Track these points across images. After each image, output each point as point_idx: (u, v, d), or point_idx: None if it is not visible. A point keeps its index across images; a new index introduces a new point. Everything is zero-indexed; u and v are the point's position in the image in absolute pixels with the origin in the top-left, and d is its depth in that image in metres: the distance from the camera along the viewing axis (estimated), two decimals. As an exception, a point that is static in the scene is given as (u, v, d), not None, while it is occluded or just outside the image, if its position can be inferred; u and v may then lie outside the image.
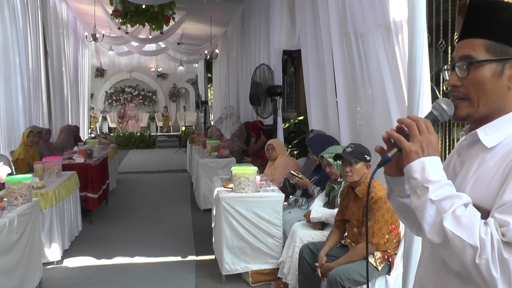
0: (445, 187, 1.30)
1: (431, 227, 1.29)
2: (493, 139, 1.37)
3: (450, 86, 1.46)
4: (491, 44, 1.37)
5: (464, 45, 1.42)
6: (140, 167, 13.26)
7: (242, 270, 4.68)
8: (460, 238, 1.22)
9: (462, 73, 1.40)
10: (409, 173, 1.36)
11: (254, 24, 9.51)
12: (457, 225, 1.23)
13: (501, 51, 1.36)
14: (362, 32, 4.38)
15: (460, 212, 1.25)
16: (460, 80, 1.41)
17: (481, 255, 1.18)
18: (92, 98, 19.47)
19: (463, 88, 1.41)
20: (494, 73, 1.36)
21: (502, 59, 1.36)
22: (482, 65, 1.37)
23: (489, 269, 1.17)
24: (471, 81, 1.39)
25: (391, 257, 3.58)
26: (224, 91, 14.64)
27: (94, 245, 5.98)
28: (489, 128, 1.39)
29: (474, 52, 1.38)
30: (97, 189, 7.21)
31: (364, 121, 4.76)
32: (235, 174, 4.68)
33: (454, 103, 1.44)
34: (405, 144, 1.37)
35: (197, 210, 7.82)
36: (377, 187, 3.53)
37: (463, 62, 1.40)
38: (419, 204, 1.33)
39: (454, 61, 1.44)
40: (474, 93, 1.39)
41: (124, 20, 10.09)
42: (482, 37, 1.38)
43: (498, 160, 1.33)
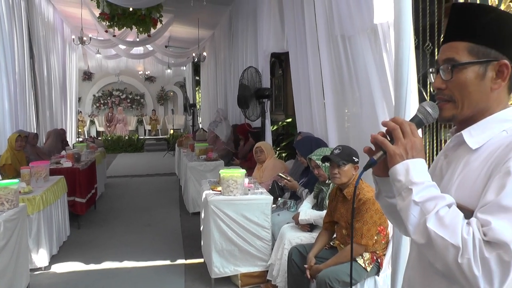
0: (428, 189, 1.32)
1: (415, 228, 1.31)
2: (477, 140, 1.40)
3: (435, 88, 1.48)
4: (473, 47, 1.39)
5: (447, 48, 1.45)
6: (128, 171, 13.20)
7: (231, 273, 4.67)
8: (443, 238, 1.23)
9: (446, 75, 1.43)
10: (394, 175, 1.38)
11: (242, 27, 9.52)
12: (440, 225, 1.25)
13: (483, 53, 1.38)
14: (350, 35, 4.40)
15: (443, 213, 1.27)
16: (444, 83, 1.44)
17: (463, 255, 1.20)
18: (79, 101, 19.35)
19: (448, 91, 1.44)
20: (477, 75, 1.39)
21: (485, 61, 1.38)
22: (465, 67, 1.39)
23: (471, 268, 1.19)
24: (455, 83, 1.41)
25: (380, 258, 3.60)
26: (212, 94, 14.63)
27: (82, 250, 5.94)
28: (474, 129, 1.42)
29: (457, 55, 1.41)
30: (85, 193, 7.17)
31: (352, 123, 4.78)
32: (224, 177, 4.68)
33: (439, 105, 1.46)
34: (389, 147, 1.39)
35: (185, 213, 7.79)
36: (365, 189, 3.55)
37: (447, 65, 1.43)
38: (403, 206, 1.34)
39: (438, 64, 1.47)
40: (458, 95, 1.42)
41: (111, 23, 10.05)
42: (464, 40, 1.41)
43: (482, 161, 1.35)
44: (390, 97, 3.61)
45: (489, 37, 1.38)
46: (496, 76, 1.39)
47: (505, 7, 2.36)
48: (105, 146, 14.13)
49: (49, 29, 11.02)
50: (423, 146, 1.42)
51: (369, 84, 4.03)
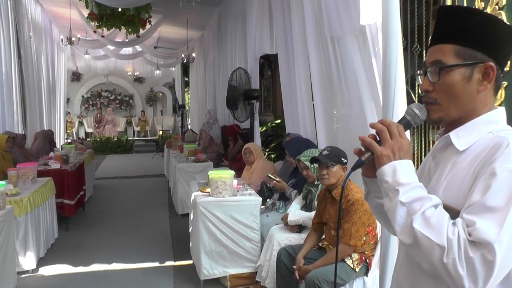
0: (415, 189, 1.33)
1: (402, 228, 1.32)
2: (464, 142, 1.41)
3: (422, 90, 1.49)
4: (460, 49, 1.40)
5: (434, 51, 1.46)
6: (117, 172, 13.15)
7: (220, 275, 4.66)
8: (429, 238, 1.25)
9: (433, 78, 1.44)
10: (381, 176, 1.39)
11: (231, 28, 9.51)
12: (426, 226, 1.26)
13: (469, 55, 1.40)
14: (338, 36, 4.41)
15: (430, 213, 1.28)
16: (432, 85, 1.45)
17: (448, 255, 1.21)
18: (68, 102, 19.26)
19: (435, 93, 1.45)
20: (463, 77, 1.40)
21: (471, 64, 1.39)
22: (452, 69, 1.41)
23: (456, 268, 1.20)
24: (442, 85, 1.43)
25: (368, 259, 3.61)
26: (201, 95, 14.60)
27: (70, 252, 5.90)
28: (461, 131, 1.43)
29: (444, 58, 1.42)
30: (74, 195, 7.12)
31: (340, 124, 4.79)
32: (212, 178, 4.67)
33: (427, 107, 1.48)
34: (376, 148, 1.40)
35: (174, 215, 7.77)
36: (353, 190, 3.56)
37: (434, 67, 1.44)
38: (390, 206, 1.36)
39: (426, 66, 1.48)
40: (445, 97, 1.43)
41: (100, 23, 10.01)
42: (451, 42, 1.42)
43: (469, 162, 1.37)
44: (378, 98, 3.62)
45: (475, 40, 1.39)
46: (482, 78, 1.40)
47: (491, 10, 2.38)
48: (93, 147, 14.07)
49: (37, 29, 10.94)
50: (411, 147, 1.43)
51: (358, 85, 4.04)
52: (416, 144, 3.84)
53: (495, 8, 2.36)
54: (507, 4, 2.31)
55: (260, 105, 10.85)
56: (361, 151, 1.48)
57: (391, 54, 2.89)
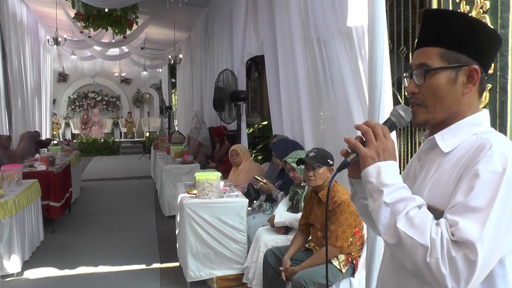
0: (399, 190, 1.35)
1: (386, 229, 1.34)
2: (449, 144, 1.43)
3: (409, 93, 1.51)
4: (445, 52, 1.42)
5: (420, 54, 1.48)
6: (104, 174, 13.08)
7: (207, 277, 4.65)
8: (412, 238, 1.26)
9: (419, 80, 1.46)
10: (366, 177, 1.41)
11: (218, 29, 9.51)
12: (409, 226, 1.28)
13: (454, 59, 1.42)
14: (325, 38, 4.43)
15: (413, 213, 1.29)
16: (418, 87, 1.47)
17: (431, 254, 1.23)
18: (54, 103, 19.13)
19: (421, 95, 1.47)
20: (448, 80, 1.42)
21: (456, 66, 1.41)
22: (437, 72, 1.43)
23: (439, 267, 1.21)
24: (428, 88, 1.45)
25: (355, 260, 3.62)
26: (188, 96, 14.57)
27: (56, 255, 5.85)
28: (446, 133, 1.45)
29: (430, 60, 1.44)
30: (60, 197, 7.07)
31: (327, 126, 4.81)
32: (199, 180, 4.66)
33: (413, 109, 1.50)
34: (361, 149, 1.42)
35: (161, 217, 7.74)
36: (340, 191, 3.57)
37: (419, 70, 1.46)
38: (374, 207, 1.37)
39: (412, 69, 1.50)
40: (430, 100, 1.45)
41: (87, 23, 9.96)
42: (436, 45, 1.44)
43: (453, 163, 1.38)
44: (365, 100, 3.64)
45: (460, 43, 1.42)
46: (467, 80, 1.42)
47: (475, 13, 2.40)
48: (80, 149, 14.01)
49: (22, 29, 10.84)
50: (395, 148, 1.45)
51: (344, 87, 4.06)
52: (402, 145, 3.86)
53: (479, 11, 2.38)
54: (490, 8, 2.33)
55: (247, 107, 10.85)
56: (348, 152, 1.50)
57: (377, 56, 2.90)
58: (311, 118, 5.00)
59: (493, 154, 1.28)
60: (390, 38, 3.51)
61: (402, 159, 3.88)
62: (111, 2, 8.67)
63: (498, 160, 1.27)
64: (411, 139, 3.86)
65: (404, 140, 3.90)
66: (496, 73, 2.33)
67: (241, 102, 7.37)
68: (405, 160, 3.88)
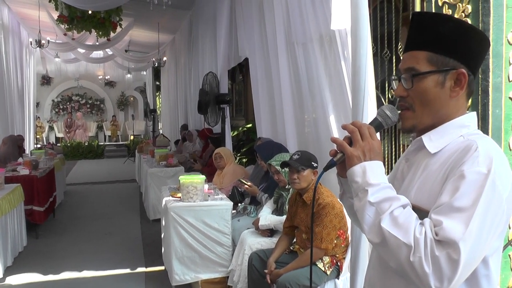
0: (384, 190, 1.36)
1: (370, 228, 1.35)
2: (436, 145, 1.44)
3: (397, 96, 1.52)
4: (432, 56, 1.43)
5: (408, 57, 1.49)
6: (88, 178, 13.00)
7: (192, 280, 4.64)
8: (396, 238, 1.27)
9: (407, 84, 1.46)
10: (351, 177, 1.42)
11: (202, 32, 9.49)
12: (393, 225, 1.29)
13: (442, 62, 1.42)
14: (308, 42, 4.44)
15: (398, 213, 1.31)
16: (406, 91, 1.47)
17: (415, 253, 1.24)
18: (38, 107, 18.96)
19: (409, 99, 1.48)
20: (436, 84, 1.43)
21: (443, 70, 1.42)
22: (425, 76, 1.43)
23: (422, 266, 1.22)
24: (416, 92, 1.45)
25: (339, 262, 3.63)
26: (173, 99, 14.53)
27: (40, 260, 5.80)
28: (433, 134, 1.46)
29: (418, 64, 1.44)
30: (44, 201, 7.00)
31: (311, 129, 4.82)
32: (183, 183, 4.65)
33: (401, 113, 1.51)
34: (347, 149, 1.43)
35: (146, 220, 7.72)
36: (324, 193, 3.58)
37: (407, 74, 1.46)
38: (359, 206, 1.38)
39: (400, 72, 1.50)
40: (418, 103, 1.46)
41: (70, 26, 9.87)
42: (424, 49, 1.44)
43: (440, 165, 1.39)
44: (347, 103, 3.65)
45: (447, 47, 1.42)
46: (455, 84, 1.43)
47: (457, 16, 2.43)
48: (64, 152, 13.87)
49: (4, 31, 10.69)
50: (381, 149, 1.46)
51: (328, 90, 4.08)
52: (387, 147, 3.89)
53: (461, 15, 2.42)
54: (472, 12, 2.36)
55: (232, 110, 10.87)
56: (337, 152, 1.51)
57: (361, 59, 2.92)
58: (295, 121, 5.02)
59: (478, 156, 1.29)
60: (373, 41, 3.54)
61: (387, 161, 3.91)
62: (95, 4, 8.60)
63: (484, 161, 1.28)
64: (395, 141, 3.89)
65: (389, 142, 3.93)
66: (479, 76, 2.36)
67: (226, 105, 7.36)
68: (389, 162, 3.91)
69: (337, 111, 3.98)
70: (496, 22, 2.33)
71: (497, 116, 2.36)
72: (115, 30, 10.46)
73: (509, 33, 2.36)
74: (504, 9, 2.34)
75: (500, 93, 2.36)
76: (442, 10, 2.54)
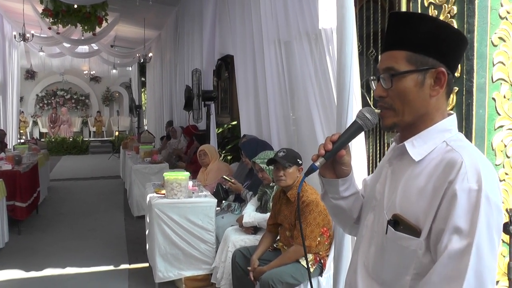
0: None
1: None
2: (420, 151, 1.43)
3: (376, 97, 1.50)
4: (411, 56, 1.42)
5: (387, 57, 1.47)
6: (72, 173, 12.90)
7: (175, 277, 4.63)
8: None
9: (386, 84, 1.45)
10: None
11: (188, 28, 9.44)
12: None
13: (421, 62, 1.41)
14: (293, 40, 4.45)
15: None
16: (385, 91, 1.46)
17: None
18: (21, 101, 18.76)
19: (389, 99, 1.46)
20: (416, 83, 1.42)
21: (422, 70, 1.41)
22: (404, 76, 1.42)
23: None
24: (395, 91, 1.44)
25: (323, 259, 3.65)
26: (158, 95, 14.45)
27: (22, 257, 5.75)
28: (416, 140, 1.44)
29: (396, 64, 1.43)
30: (27, 197, 6.93)
31: (296, 127, 4.83)
32: (168, 180, 4.63)
33: (381, 113, 1.49)
34: None
35: (130, 217, 7.68)
36: (308, 191, 3.59)
37: (386, 74, 1.45)
38: None
39: (379, 73, 1.49)
40: (398, 103, 1.44)
41: (55, 20, 9.77)
42: (403, 49, 1.43)
43: (425, 176, 1.38)
44: (333, 101, 3.66)
45: (426, 46, 1.41)
46: (434, 83, 1.42)
47: (443, 17, 2.45)
48: (48, 148, 13.75)
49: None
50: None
51: (313, 88, 4.08)
52: (371, 147, 3.91)
53: (447, 16, 2.44)
54: (457, 13, 2.38)
55: (217, 107, 10.84)
56: (317, 157, 1.51)
57: (346, 58, 2.92)
58: (280, 119, 5.02)
59: (466, 172, 1.29)
60: (359, 40, 3.56)
61: (371, 160, 3.92)
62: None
63: (472, 177, 1.28)
64: (379, 141, 3.91)
65: (373, 141, 3.95)
66: (463, 76, 2.38)
67: (211, 102, 7.35)
68: (373, 161, 3.93)
69: (322, 109, 3.99)
70: (481, 23, 2.35)
71: (481, 116, 2.38)
72: (101, 25, 10.38)
73: (493, 34, 2.38)
74: (488, 11, 2.36)
75: (484, 94, 2.38)
76: (428, 10, 2.56)
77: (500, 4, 2.39)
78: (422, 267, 1.36)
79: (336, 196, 1.64)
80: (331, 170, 1.60)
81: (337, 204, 1.66)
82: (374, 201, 1.56)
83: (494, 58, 2.40)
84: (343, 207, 1.67)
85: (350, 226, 1.77)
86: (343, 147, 1.53)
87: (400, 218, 1.38)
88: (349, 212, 1.70)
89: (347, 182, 1.63)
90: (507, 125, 2.44)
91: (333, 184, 1.62)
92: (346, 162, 1.58)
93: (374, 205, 1.56)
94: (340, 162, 1.57)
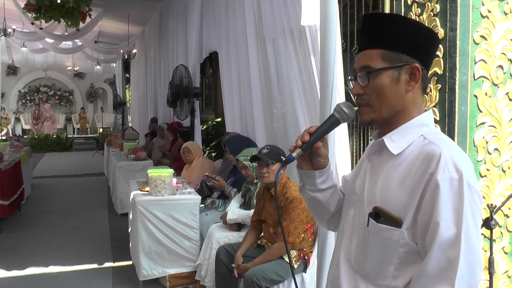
0: None
1: None
2: (398, 145, 1.46)
3: (354, 94, 1.54)
4: (386, 53, 1.46)
5: (362, 56, 1.52)
6: (56, 171, 12.78)
7: (159, 275, 4.62)
8: None
9: (363, 81, 1.49)
10: None
11: (172, 24, 9.39)
12: None
13: (395, 59, 1.46)
14: (277, 36, 4.45)
15: None
16: (362, 89, 1.50)
17: None
18: (3, 97, 18.58)
19: (366, 96, 1.50)
20: (392, 79, 1.46)
21: (397, 66, 1.45)
22: (380, 73, 1.46)
23: None
24: (372, 88, 1.48)
25: (306, 255, 3.66)
26: (142, 92, 14.36)
27: (4, 256, 5.68)
28: (394, 135, 1.48)
29: (372, 62, 1.47)
30: (9, 195, 6.86)
31: (280, 123, 4.84)
32: (151, 177, 4.62)
33: (360, 109, 1.53)
34: None
35: (114, 214, 7.64)
36: (292, 187, 3.60)
37: (363, 72, 1.49)
38: None
39: (355, 72, 1.53)
40: (376, 99, 1.48)
41: (38, 15, 9.64)
42: (378, 47, 1.48)
43: (404, 169, 1.42)
44: (317, 98, 3.66)
45: (400, 44, 1.46)
46: (410, 78, 1.46)
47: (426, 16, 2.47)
48: (31, 145, 13.64)
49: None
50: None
51: (297, 85, 4.09)
52: (355, 143, 3.93)
53: (430, 14, 2.46)
54: (440, 12, 2.40)
55: (201, 103, 10.81)
56: (294, 148, 1.54)
57: (329, 55, 2.93)
58: (264, 116, 5.03)
59: (446, 162, 1.32)
60: (343, 38, 3.57)
61: (355, 156, 3.94)
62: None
63: (452, 167, 1.32)
64: (363, 137, 3.93)
65: (357, 137, 3.97)
66: (446, 74, 2.40)
67: (195, 99, 7.32)
68: (357, 157, 3.95)
69: (306, 106, 4.00)
70: (463, 22, 2.37)
71: (463, 113, 2.41)
72: (85, 21, 10.24)
73: (475, 32, 2.40)
74: (470, 10, 2.38)
75: (466, 91, 2.40)
76: (411, 9, 2.58)
77: (482, 3, 2.42)
78: (405, 257, 1.40)
79: (313, 188, 1.68)
80: (309, 162, 1.63)
81: (314, 196, 1.70)
82: (355, 196, 1.60)
83: (476, 56, 2.43)
84: (320, 199, 1.71)
85: (327, 220, 1.80)
86: (320, 139, 1.56)
87: (381, 210, 1.41)
88: (326, 205, 1.73)
89: (324, 175, 1.66)
90: (488, 122, 2.46)
91: (310, 175, 1.65)
92: (323, 154, 1.60)
93: (354, 200, 1.60)
94: (317, 154, 1.60)
